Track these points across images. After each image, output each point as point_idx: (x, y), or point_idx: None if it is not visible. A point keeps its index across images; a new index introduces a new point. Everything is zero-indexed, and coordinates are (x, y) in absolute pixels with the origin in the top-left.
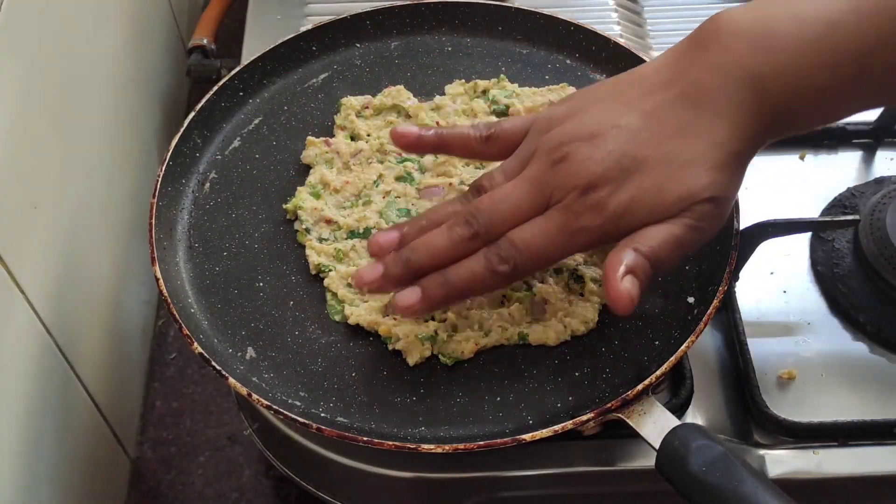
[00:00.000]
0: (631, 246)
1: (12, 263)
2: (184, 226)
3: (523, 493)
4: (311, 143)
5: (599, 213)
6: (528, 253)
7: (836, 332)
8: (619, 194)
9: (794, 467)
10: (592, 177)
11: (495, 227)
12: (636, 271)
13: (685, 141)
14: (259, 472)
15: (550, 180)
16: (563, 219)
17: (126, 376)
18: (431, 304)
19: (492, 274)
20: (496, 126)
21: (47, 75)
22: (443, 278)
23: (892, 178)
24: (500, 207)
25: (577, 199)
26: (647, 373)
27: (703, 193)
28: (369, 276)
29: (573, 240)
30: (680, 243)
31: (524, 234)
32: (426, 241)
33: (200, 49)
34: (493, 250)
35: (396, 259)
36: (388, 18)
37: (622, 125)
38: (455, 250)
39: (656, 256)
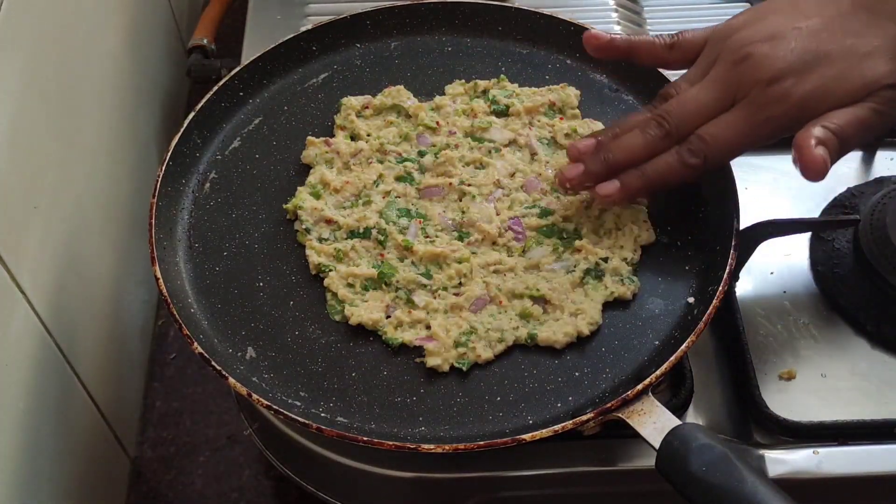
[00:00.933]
0: (819, 123)
1: (12, 263)
2: (184, 226)
3: (523, 493)
4: (311, 142)
5: (784, 102)
6: (717, 145)
7: (836, 332)
8: (802, 84)
9: (794, 467)
10: (775, 71)
11: (685, 125)
12: (826, 143)
13: (864, 38)
14: (259, 472)
15: (734, 79)
16: (750, 111)
17: (126, 376)
18: (629, 193)
19: (684, 166)
20: (678, 35)
21: (47, 75)
22: (639, 171)
23: (892, 178)
24: (688, 108)
25: (762, 92)
26: (647, 373)
27: (886, 79)
28: (571, 173)
29: (759, 130)
30: (864, 124)
31: (712, 130)
32: (622, 141)
33: (200, 49)
34: (684, 146)
35: (596, 158)
36: (388, 18)
37: (802, 27)
38: (649, 149)
39: (843, 133)
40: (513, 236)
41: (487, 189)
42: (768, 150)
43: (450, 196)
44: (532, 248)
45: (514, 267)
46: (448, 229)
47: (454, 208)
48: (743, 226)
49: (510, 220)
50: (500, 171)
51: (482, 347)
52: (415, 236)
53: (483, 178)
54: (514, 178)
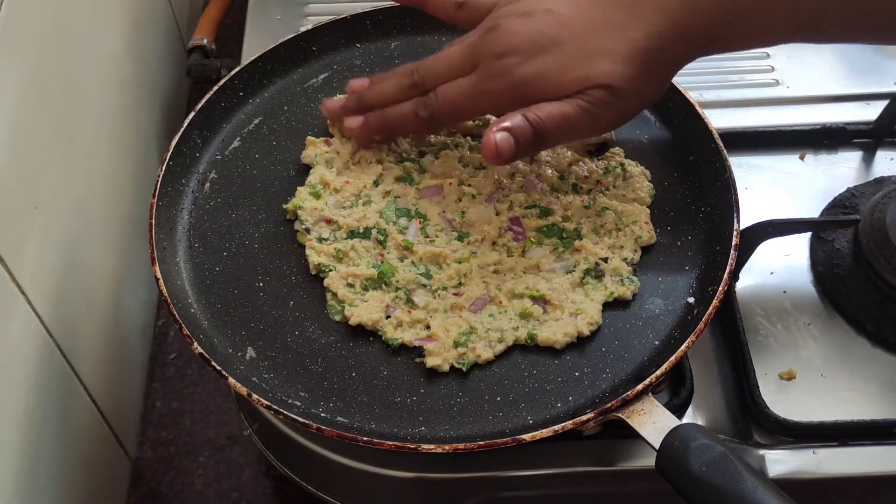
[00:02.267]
0: (521, 112)
1: (12, 263)
2: (184, 226)
3: (523, 493)
4: (311, 142)
5: (504, 78)
6: (444, 103)
7: (836, 332)
8: (525, 66)
9: (794, 467)
10: (507, 46)
11: (429, 81)
12: (514, 131)
13: (603, 35)
14: (259, 472)
15: (479, 46)
16: (476, 80)
17: (126, 376)
18: (368, 129)
19: (415, 116)
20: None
21: (47, 75)
22: (381, 112)
23: (892, 178)
24: (437, 65)
25: (490, 64)
26: (647, 373)
27: (601, 79)
28: (332, 104)
29: (481, 99)
30: (568, 121)
31: (445, 90)
32: (378, 85)
33: (200, 49)
34: (421, 99)
35: (354, 97)
36: (388, 18)
37: (554, 10)
38: (397, 95)
39: (542, 126)
40: (512, 236)
41: (487, 189)
42: (768, 150)
43: (450, 196)
44: (532, 248)
45: (513, 267)
46: (448, 229)
47: (454, 208)
48: (743, 226)
49: (510, 220)
50: (500, 171)
51: (482, 347)
52: (415, 236)
53: (483, 179)
54: (514, 178)
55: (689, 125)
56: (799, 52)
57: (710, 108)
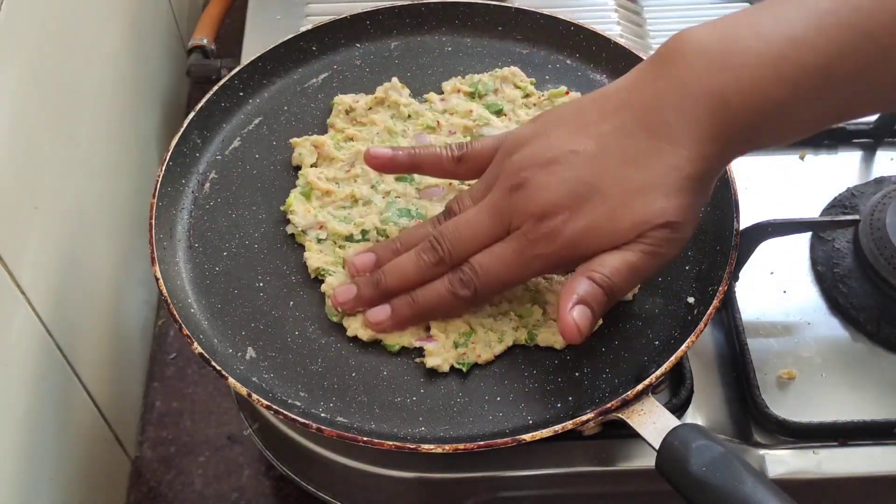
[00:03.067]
0: (585, 274)
1: (12, 263)
2: (184, 226)
3: (523, 493)
4: (296, 143)
5: (554, 240)
6: (487, 278)
7: (836, 332)
8: (573, 222)
9: (794, 467)
10: (547, 204)
11: (458, 252)
12: (588, 300)
13: (640, 166)
14: (259, 472)
15: (508, 207)
16: (520, 246)
17: (126, 376)
18: (399, 322)
19: (454, 297)
20: (468, 146)
21: (47, 75)
22: (410, 299)
23: (892, 178)
24: (462, 234)
25: (533, 227)
26: (647, 373)
27: (658, 219)
28: (343, 297)
29: (529, 266)
30: (635, 270)
31: (484, 260)
32: (396, 265)
33: (200, 49)
34: (456, 275)
35: (368, 281)
36: (388, 18)
37: (579, 151)
38: (422, 275)
39: (610, 284)
40: None
41: None
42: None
43: (449, 196)
44: None
45: None
46: None
47: None
48: (743, 226)
49: None
50: None
51: (482, 347)
52: None
53: None
54: None
55: None
56: None
57: None
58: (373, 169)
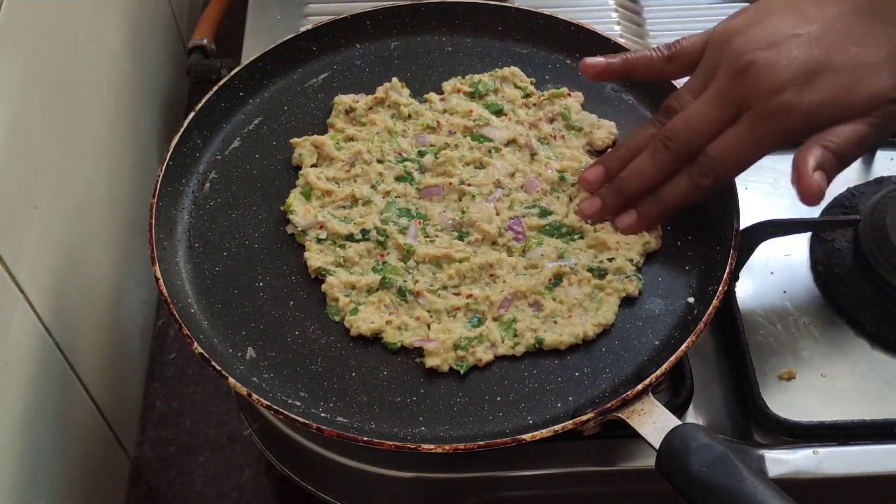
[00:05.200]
0: (819, 143)
1: (12, 263)
2: (184, 226)
3: (523, 493)
4: (297, 143)
5: (790, 114)
6: (727, 163)
7: (836, 332)
8: (807, 95)
9: (794, 467)
10: (778, 80)
11: (692, 144)
12: (825, 166)
13: (867, 46)
14: (259, 472)
15: (737, 91)
16: (755, 124)
17: (126, 376)
18: (648, 221)
19: (696, 189)
20: (676, 45)
21: (47, 75)
22: (656, 198)
23: (892, 178)
24: (693, 126)
25: (767, 104)
26: (647, 373)
27: (891, 94)
28: (590, 210)
29: (765, 143)
30: (864, 141)
31: (720, 147)
32: (634, 169)
33: (200, 49)
34: (695, 168)
35: (611, 190)
36: (388, 18)
37: (802, 33)
38: (660, 173)
39: (843, 153)
40: (513, 236)
41: (487, 189)
42: None
43: (450, 196)
44: (532, 248)
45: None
46: (448, 229)
47: (454, 208)
48: (743, 226)
49: (510, 220)
50: (500, 170)
51: (482, 350)
52: (415, 237)
53: (483, 178)
54: (514, 178)
55: None
56: None
57: None
58: (589, 78)
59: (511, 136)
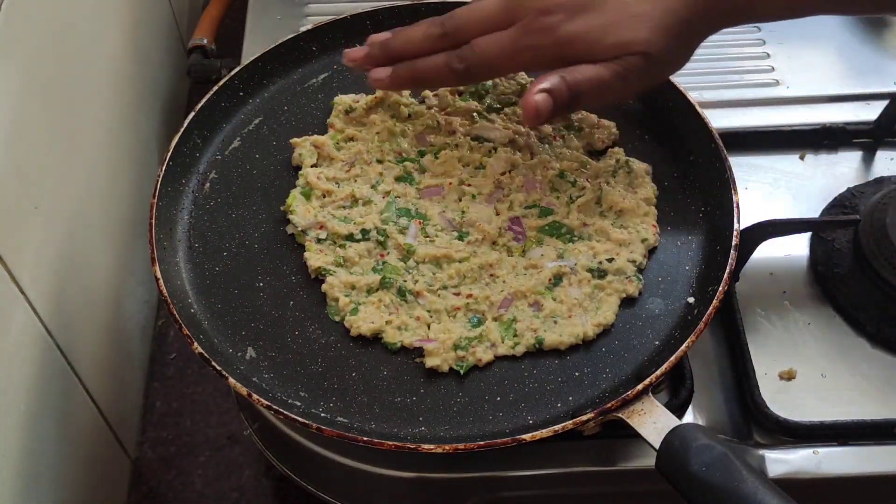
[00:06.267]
0: (558, 73)
1: (12, 263)
2: (184, 226)
3: (523, 493)
4: (297, 143)
5: (547, 35)
6: (482, 58)
7: (836, 332)
8: (568, 24)
9: (794, 467)
10: (550, 3)
11: (462, 31)
12: (553, 92)
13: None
14: (259, 472)
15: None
16: (517, 34)
17: (126, 376)
18: (397, 81)
19: (448, 69)
20: None
21: (47, 75)
22: (411, 63)
23: (892, 178)
24: (470, 16)
25: (533, 20)
26: (647, 373)
27: (639, 46)
28: (355, 54)
29: (520, 55)
30: (603, 83)
31: (482, 42)
32: (405, 32)
33: (200, 49)
34: (455, 51)
35: (378, 42)
36: (388, 18)
37: None
38: (426, 44)
39: (577, 88)
40: (513, 236)
41: (487, 189)
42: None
43: (450, 196)
44: (532, 248)
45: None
46: (448, 229)
47: (454, 208)
48: (743, 226)
49: (510, 220)
50: (496, 167)
51: (482, 350)
52: (415, 237)
53: (483, 178)
54: (514, 178)
55: (689, 125)
56: (799, 52)
57: (710, 109)
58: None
59: (510, 137)
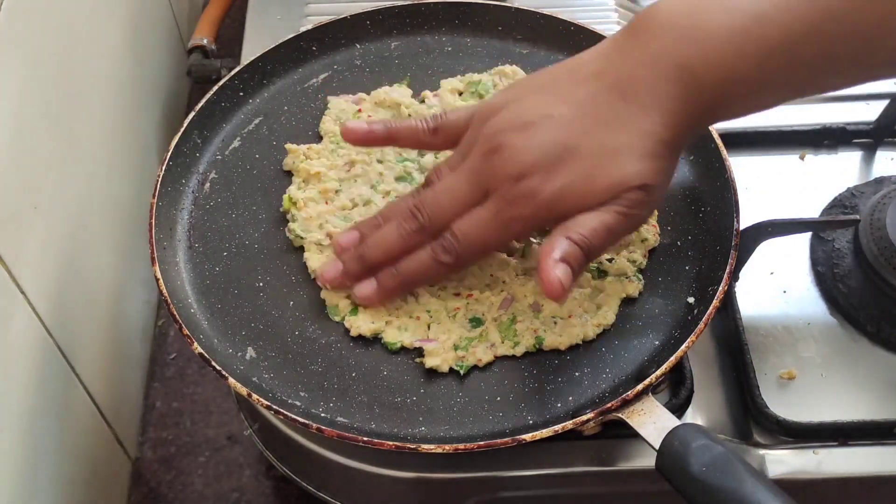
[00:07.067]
0: (564, 234)
1: (12, 263)
2: (184, 226)
3: (523, 493)
4: (292, 150)
5: (531, 201)
6: (468, 242)
7: (836, 332)
8: (550, 183)
9: (794, 467)
10: (523, 166)
11: (438, 219)
12: (569, 259)
13: (615, 130)
14: (259, 472)
15: (486, 171)
16: (498, 208)
17: (126, 376)
18: (386, 294)
19: (437, 264)
20: (442, 118)
21: (47, 75)
22: (395, 270)
23: (892, 178)
24: (441, 200)
25: (510, 189)
26: (647, 373)
27: (633, 181)
28: (330, 274)
29: (508, 227)
30: (611, 230)
31: (464, 227)
32: (378, 237)
33: (200, 49)
34: (438, 243)
35: (353, 256)
36: (388, 18)
37: (554, 115)
38: (404, 244)
39: (588, 244)
40: None
41: None
42: (768, 150)
43: None
44: (532, 248)
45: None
46: None
47: None
48: (743, 226)
49: None
50: None
51: (482, 351)
52: None
53: None
54: None
55: None
56: None
57: None
58: (350, 142)
59: None
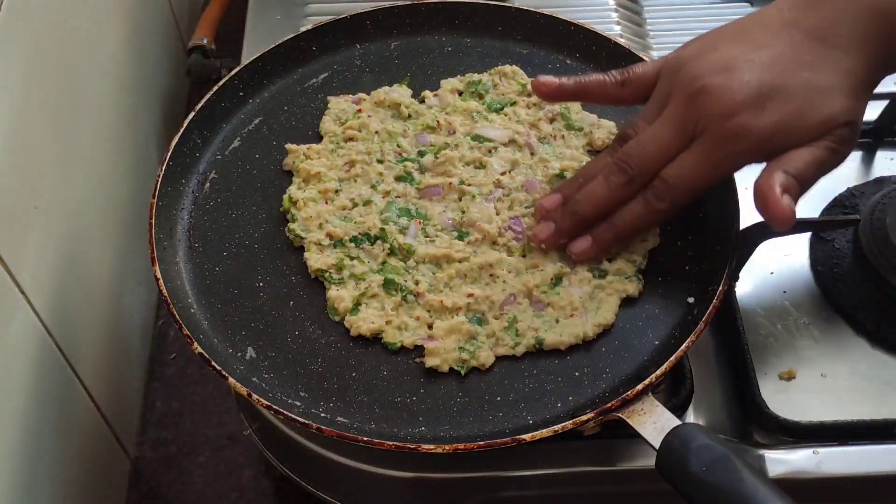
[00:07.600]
0: (780, 168)
1: (12, 263)
2: (184, 226)
3: (523, 493)
4: (292, 150)
5: (744, 138)
6: (681, 187)
7: (836, 332)
8: (761, 119)
9: (794, 467)
10: (732, 104)
11: (647, 168)
12: (790, 191)
13: (820, 71)
14: (259, 472)
15: (691, 114)
16: (710, 148)
17: (126, 376)
18: (602, 247)
19: (651, 212)
20: (629, 70)
21: (47, 75)
22: (609, 224)
23: (892, 178)
24: (647, 150)
25: (720, 128)
26: (647, 373)
27: (842, 118)
28: (544, 234)
29: (719, 167)
30: (822, 165)
31: (674, 171)
32: (587, 193)
33: (200, 49)
34: (649, 192)
35: (564, 213)
36: (388, 18)
37: (755, 59)
38: (614, 197)
39: (804, 177)
40: (513, 236)
41: (487, 189)
42: None
43: (450, 196)
44: (532, 248)
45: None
46: (448, 229)
47: (454, 208)
48: (743, 226)
49: (510, 219)
50: (496, 167)
51: (485, 354)
52: (415, 237)
53: (483, 178)
54: (514, 178)
55: None
56: None
57: None
58: (541, 97)
59: (511, 136)
